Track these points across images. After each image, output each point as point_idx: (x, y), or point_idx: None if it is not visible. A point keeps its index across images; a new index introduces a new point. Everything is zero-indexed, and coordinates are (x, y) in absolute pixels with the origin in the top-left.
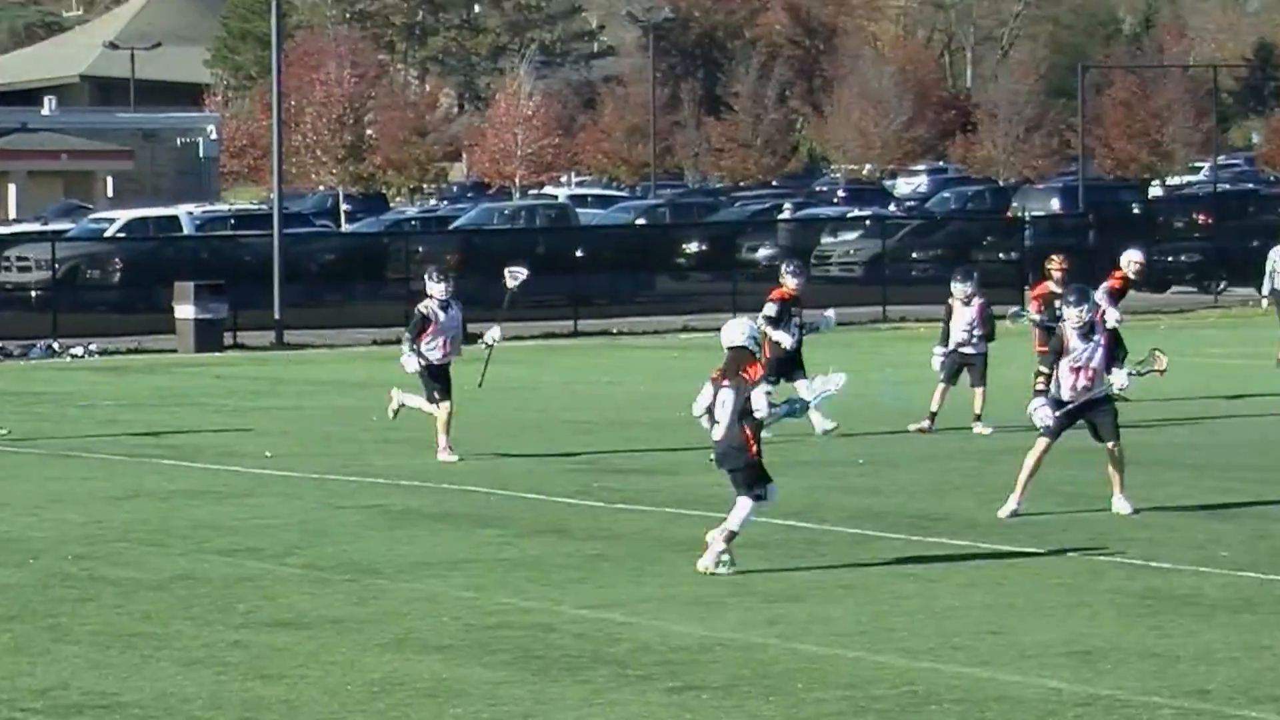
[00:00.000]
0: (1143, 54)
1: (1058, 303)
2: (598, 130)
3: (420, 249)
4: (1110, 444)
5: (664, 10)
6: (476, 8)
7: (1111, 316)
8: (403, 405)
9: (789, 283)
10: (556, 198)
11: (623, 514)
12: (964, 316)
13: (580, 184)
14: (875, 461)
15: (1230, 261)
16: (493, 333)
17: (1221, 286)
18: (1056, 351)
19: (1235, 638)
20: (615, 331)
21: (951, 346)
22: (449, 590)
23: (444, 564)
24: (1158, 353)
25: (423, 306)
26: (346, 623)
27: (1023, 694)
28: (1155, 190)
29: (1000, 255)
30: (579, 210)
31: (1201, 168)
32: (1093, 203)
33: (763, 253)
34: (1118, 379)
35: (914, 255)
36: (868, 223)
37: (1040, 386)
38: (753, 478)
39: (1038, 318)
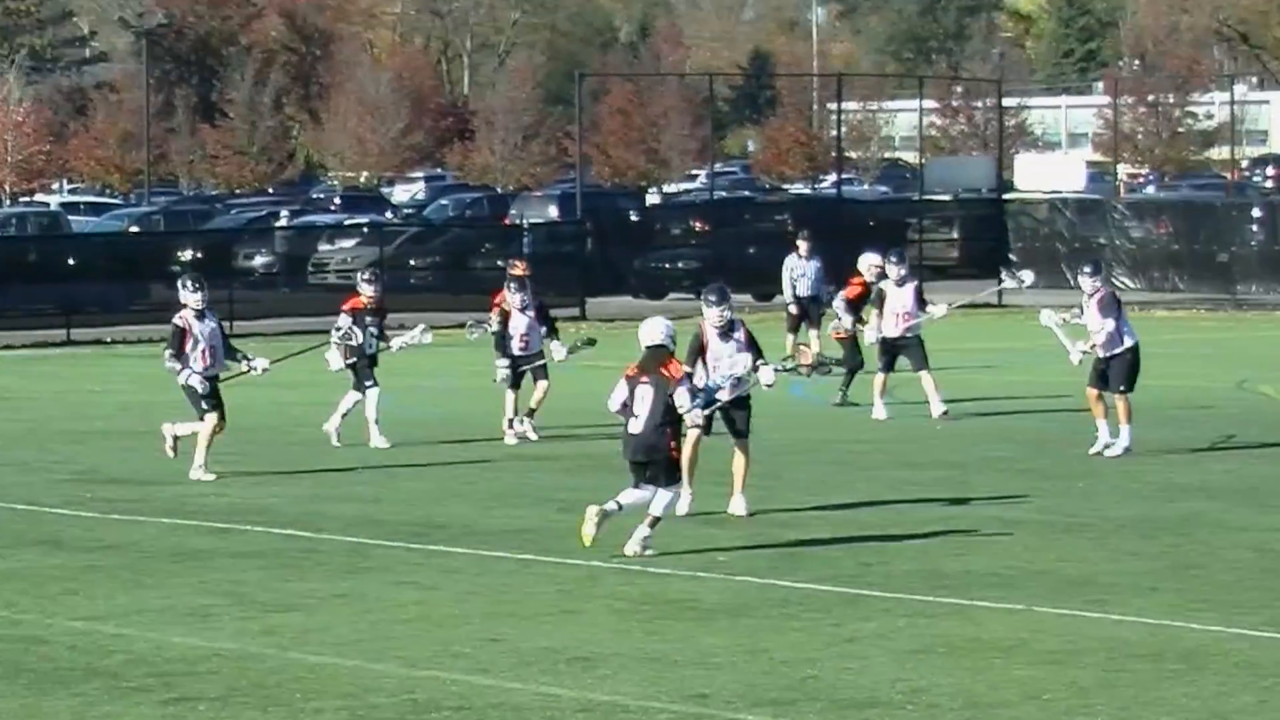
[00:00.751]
0: (640, 62)
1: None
2: (90, 137)
3: None
4: (743, 439)
5: (157, 16)
6: None
7: (846, 324)
8: (177, 438)
9: (365, 290)
10: (48, 205)
11: (117, 524)
12: (521, 323)
13: (72, 191)
14: (375, 469)
15: (727, 268)
16: (260, 362)
17: None
18: (697, 351)
19: (733, 642)
20: (109, 340)
21: (512, 354)
22: None
23: None
24: (803, 347)
25: (178, 318)
26: None
27: (522, 701)
28: (653, 197)
29: (499, 262)
30: (71, 218)
31: (698, 175)
32: (590, 210)
33: (259, 260)
34: (765, 375)
35: (412, 262)
36: (365, 230)
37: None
38: (670, 471)
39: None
